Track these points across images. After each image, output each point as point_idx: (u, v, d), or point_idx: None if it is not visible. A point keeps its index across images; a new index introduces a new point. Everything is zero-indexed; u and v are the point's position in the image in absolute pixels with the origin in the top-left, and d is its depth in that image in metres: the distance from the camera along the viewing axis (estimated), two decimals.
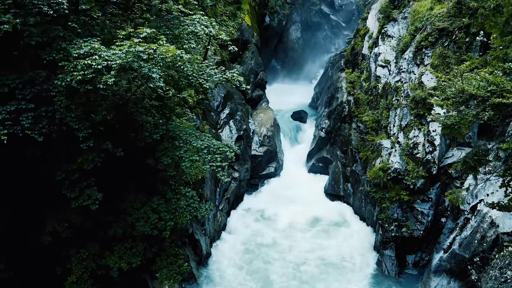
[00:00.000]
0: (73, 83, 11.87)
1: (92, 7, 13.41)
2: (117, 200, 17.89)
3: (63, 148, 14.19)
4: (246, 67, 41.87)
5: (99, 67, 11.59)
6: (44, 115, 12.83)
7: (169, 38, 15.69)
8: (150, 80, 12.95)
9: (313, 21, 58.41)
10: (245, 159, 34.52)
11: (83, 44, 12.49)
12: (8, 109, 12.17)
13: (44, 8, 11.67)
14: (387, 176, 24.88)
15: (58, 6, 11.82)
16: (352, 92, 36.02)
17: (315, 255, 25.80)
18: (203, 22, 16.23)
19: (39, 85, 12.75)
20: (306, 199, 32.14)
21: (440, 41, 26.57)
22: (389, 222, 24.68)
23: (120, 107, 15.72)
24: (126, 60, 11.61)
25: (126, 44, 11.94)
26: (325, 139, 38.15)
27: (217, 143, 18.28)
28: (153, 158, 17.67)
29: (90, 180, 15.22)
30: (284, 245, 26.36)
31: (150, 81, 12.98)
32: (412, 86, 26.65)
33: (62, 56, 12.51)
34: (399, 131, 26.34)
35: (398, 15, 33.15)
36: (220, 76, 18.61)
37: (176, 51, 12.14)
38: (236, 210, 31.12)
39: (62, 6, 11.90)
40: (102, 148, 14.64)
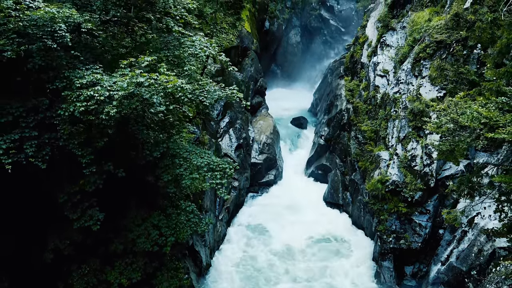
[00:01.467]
0: (76, 113, 12.10)
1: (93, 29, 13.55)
2: (118, 217, 18.13)
3: (65, 169, 14.40)
4: (246, 74, 42.03)
5: (102, 98, 11.80)
6: (47, 142, 13.06)
7: (170, 60, 15.89)
8: (151, 106, 13.17)
9: (313, 26, 58.64)
10: (245, 167, 34.73)
11: (86, 73, 12.72)
12: (12, 138, 12.39)
13: (48, 42, 11.89)
14: (385, 188, 25.12)
15: (61, 40, 12.05)
16: (351, 100, 36.25)
17: (313, 278, 25.85)
18: (203, 44, 16.43)
19: (42, 112, 12.97)
20: (306, 209, 32.31)
21: (438, 53, 26.77)
22: (388, 233, 24.91)
23: (121, 126, 15.95)
24: (128, 91, 11.83)
25: (128, 74, 12.15)
26: (324, 146, 38.37)
27: (217, 160, 18.51)
28: (154, 175, 17.90)
29: (92, 201, 15.46)
30: (280, 269, 26.11)
31: (151, 106, 13.20)
32: (410, 97, 26.86)
33: (65, 84, 12.74)
34: (397, 143, 26.56)
35: (397, 25, 33.35)
36: (219, 93, 18.87)
37: (177, 81, 12.35)
38: (236, 219, 31.30)
39: (66, 39, 12.12)
40: (104, 169, 14.86)
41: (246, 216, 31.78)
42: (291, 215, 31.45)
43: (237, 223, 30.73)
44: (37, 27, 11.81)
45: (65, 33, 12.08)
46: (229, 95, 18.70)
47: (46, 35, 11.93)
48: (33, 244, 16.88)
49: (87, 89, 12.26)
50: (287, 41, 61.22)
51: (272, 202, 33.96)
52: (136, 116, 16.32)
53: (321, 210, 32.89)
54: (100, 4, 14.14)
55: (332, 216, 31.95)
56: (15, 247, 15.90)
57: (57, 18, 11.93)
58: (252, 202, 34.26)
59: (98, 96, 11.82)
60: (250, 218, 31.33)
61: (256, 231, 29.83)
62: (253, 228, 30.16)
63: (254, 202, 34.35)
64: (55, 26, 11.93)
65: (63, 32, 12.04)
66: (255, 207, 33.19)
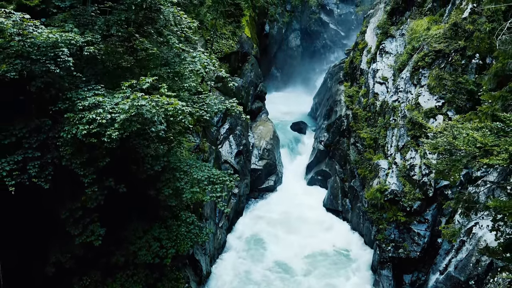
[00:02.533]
0: (79, 136, 12.28)
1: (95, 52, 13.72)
2: (119, 229, 18.32)
3: (67, 186, 14.57)
4: (246, 80, 42.21)
5: (104, 121, 11.98)
6: (50, 162, 13.24)
7: (171, 76, 16.07)
8: (152, 124, 13.35)
9: (313, 30, 58.82)
10: (245, 173, 34.91)
11: (88, 94, 12.89)
12: (15, 159, 12.58)
13: (51, 67, 12.06)
14: (384, 197, 25.30)
15: (64, 64, 12.22)
16: (350, 107, 36.43)
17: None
18: (203, 60, 16.61)
19: (45, 133, 13.16)
20: (305, 216, 32.44)
21: (437, 62, 26.90)
22: (386, 242, 25.09)
23: (122, 142, 16.13)
24: (130, 113, 12.00)
25: (130, 96, 12.32)
26: (324, 152, 38.54)
27: (217, 172, 18.71)
28: (155, 189, 18.08)
29: (93, 216, 15.64)
30: (279, 283, 26.11)
31: (152, 125, 13.37)
32: (409, 106, 27.02)
33: (68, 106, 12.91)
34: (396, 152, 26.73)
35: (396, 32, 33.49)
36: (220, 106, 19.04)
37: (178, 104, 12.52)
38: (236, 227, 31.47)
39: (68, 64, 12.29)
40: (105, 185, 15.04)
41: (246, 223, 31.93)
42: (290, 223, 31.55)
43: (237, 231, 30.83)
44: (40, 52, 11.98)
45: (68, 58, 12.25)
46: (229, 108, 18.86)
47: (49, 60, 12.11)
48: (35, 258, 17.06)
49: (90, 111, 12.43)
50: (287, 45, 61.43)
51: (271, 209, 34.13)
52: (137, 131, 16.52)
53: (321, 217, 33.02)
54: (102, 24, 14.30)
55: (331, 223, 32.12)
56: (18, 261, 16.06)
57: (59, 43, 12.11)
58: (252, 209, 34.42)
59: (100, 119, 12.00)
60: (250, 227, 31.41)
61: (255, 242, 29.62)
62: (252, 239, 30.00)
63: (254, 208, 34.52)
64: (58, 51, 12.10)
65: (66, 57, 12.22)
66: (255, 214, 33.34)
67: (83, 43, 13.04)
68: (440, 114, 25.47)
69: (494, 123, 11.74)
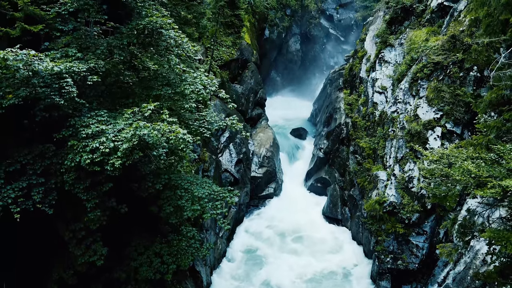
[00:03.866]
0: (82, 164, 12.51)
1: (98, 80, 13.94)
2: (121, 246, 18.54)
3: (71, 208, 14.80)
4: (246, 87, 42.46)
5: (107, 150, 12.21)
6: (54, 187, 13.48)
7: (172, 96, 16.29)
8: (154, 148, 13.58)
9: (312, 34, 59.07)
10: (245, 182, 35.14)
11: (91, 121, 13.12)
12: (20, 186, 12.81)
13: (55, 98, 12.29)
14: (383, 209, 25.54)
15: (68, 95, 12.45)
16: (350, 115, 36.71)
17: None
18: (204, 81, 16.84)
19: (49, 159, 13.39)
20: (304, 226, 32.62)
21: (435, 73, 27.12)
22: (385, 254, 25.33)
23: None
24: (132, 143, 12.23)
25: (132, 125, 12.53)
26: (323, 159, 38.79)
27: (217, 189, 18.91)
28: (156, 206, 18.31)
29: (96, 236, 15.87)
30: None
31: (154, 149, 13.60)
32: (407, 118, 27.24)
33: (71, 133, 13.14)
34: (395, 163, 26.97)
35: (395, 41, 33.72)
36: (220, 123, 19.28)
37: (180, 133, 12.73)
38: (236, 236, 31.68)
39: (72, 95, 12.52)
40: (108, 206, 15.27)
41: (245, 233, 32.12)
42: (289, 234, 31.66)
43: (236, 242, 30.82)
44: (45, 83, 12.21)
45: (72, 88, 12.48)
46: (229, 125, 19.07)
47: (54, 91, 12.34)
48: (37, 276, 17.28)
49: (93, 138, 12.66)
50: (287, 49, 61.65)
51: (271, 218, 34.33)
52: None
53: (320, 225, 33.25)
54: (104, 48, 14.52)
55: (331, 232, 32.30)
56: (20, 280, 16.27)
57: (64, 74, 12.33)
58: (252, 217, 34.65)
59: (103, 148, 12.23)
60: (249, 238, 31.46)
61: (253, 258, 29.56)
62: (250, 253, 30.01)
63: (254, 217, 34.74)
64: (62, 82, 12.33)
65: (70, 88, 12.44)
66: (255, 223, 33.49)
67: (86, 73, 13.25)
68: (438, 126, 25.71)
69: (489, 155, 11.98)
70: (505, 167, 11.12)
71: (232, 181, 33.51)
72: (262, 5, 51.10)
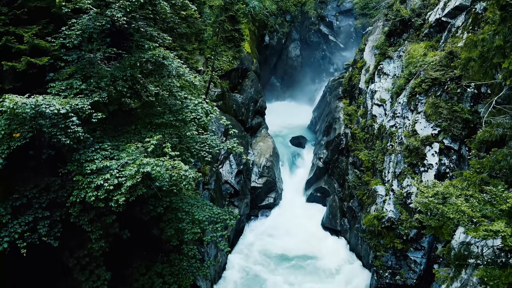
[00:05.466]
0: (87, 200, 12.84)
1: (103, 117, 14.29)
2: (123, 268, 18.88)
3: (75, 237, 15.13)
4: (246, 96, 42.74)
5: (111, 187, 12.55)
6: (59, 220, 13.81)
7: (174, 123, 16.62)
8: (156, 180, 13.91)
9: (312, 40, 59.37)
10: (245, 193, 35.45)
11: (95, 156, 13.46)
12: (26, 220, 13.15)
13: (62, 138, 12.62)
14: (381, 224, 25.87)
15: (74, 135, 12.78)
16: (349, 126, 37.01)
17: None
18: (205, 107, 17.17)
19: (55, 192, 13.71)
20: (304, 237, 32.89)
21: (433, 89, 27.42)
22: (384, 269, 25.69)
23: None
24: (136, 180, 12.56)
25: (136, 162, 12.86)
26: (323, 169, 39.12)
27: (217, 211, 19.22)
28: (158, 228, 18.65)
29: (99, 260, 16.20)
30: None
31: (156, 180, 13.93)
32: (406, 133, 27.56)
33: (76, 167, 13.46)
34: (393, 178, 27.29)
35: (394, 53, 34.00)
36: (222, 146, 19.61)
37: (182, 170, 13.04)
38: (237, 248, 32.01)
39: (78, 134, 12.85)
40: (111, 232, 15.61)
41: (245, 246, 32.35)
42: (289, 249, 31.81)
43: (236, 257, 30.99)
44: (52, 123, 12.54)
45: (77, 128, 12.81)
46: (229, 148, 19.40)
47: (60, 131, 12.66)
48: None
49: (97, 174, 12.99)
50: (287, 55, 61.95)
51: (271, 228, 34.65)
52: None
53: (319, 237, 33.53)
54: (108, 80, 14.82)
55: (330, 244, 32.61)
56: None
57: (69, 113, 12.66)
58: (252, 228, 34.94)
59: (108, 185, 12.56)
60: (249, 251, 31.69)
61: (253, 272, 29.68)
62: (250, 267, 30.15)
63: (254, 228, 35.00)
64: (68, 122, 12.66)
65: (76, 127, 12.77)
66: (255, 235, 33.73)
67: (91, 110, 13.58)
68: (436, 142, 26.04)
69: (481, 195, 12.31)
70: (497, 208, 11.46)
71: (232, 193, 33.84)
72: (261, 13, 51.37)
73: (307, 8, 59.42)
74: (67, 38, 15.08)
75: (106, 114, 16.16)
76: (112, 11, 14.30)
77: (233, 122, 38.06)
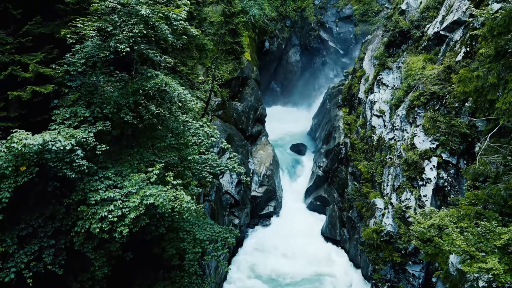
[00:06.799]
0: (92, 231, 13.13)
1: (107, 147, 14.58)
2: (125, 286, 19.16)
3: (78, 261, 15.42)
4: (246, 104, 43.03)
5: (115, 219, 12.84)
6: (63, 248, 14.11)
7: (176, 146, 16.92)
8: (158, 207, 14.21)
9: (312, 46, 59.64)
10: (245, 203, 35.73)
11: (99, 185, 13.75)
12: (32, 250, 13.43)
13: (67, 172, 12.92)
14: (380, 238, 26.18)
15: (79, 168, 13.07)
16: (349, 135, 37.31)
17: None
18: (206, 131, 17.47)
19: (59, 221, 14.00)
20: (303, 247, 33.16)
21: (431, 102, 27.69)
22: (383, 282, 26.01)
23: None
24: (139, 212, 12.86)
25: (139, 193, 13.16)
26: (322, 178, 39.40)
27: (218, 230, 19.50)
28: (159, 248, 18.94)
29: (102, 282, 16.48)
30: None
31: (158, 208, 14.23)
32: (404, 146, 27.84)
33: (80, 197, 13.76)
34: (392, 192, 27.58)
35: (393, 64, 34.26)
36: (222, 166, 19.89)
37: (184, 201, 13.33)
38: (236, 259, 32.27)
39: (83, 167, 13.14)
40: (114, 255, 15.89)
41: (245, 257, 32.58)
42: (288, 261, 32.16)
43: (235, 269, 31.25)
44: (57, 158, 12.83)
45: (82, 161, 13.12)
46: (230, 168, 19.68)
47: (65, 165, 12.95)
48: None
49: (102, 204, 13.29)
50: (287, 60, 62.27)
51: (272, 237, 34.90)
52: None
53: (319, 248, 33.78)
54: (111, 107, 15.10)
55: (329, 254, 32.89)
56: None
57: (75, 146, 12.94)
58: (252, 237, 35.21)
59: (112, 217, 12.85)
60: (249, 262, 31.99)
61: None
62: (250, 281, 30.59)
63: (254, 237, 35.25)
64: (73, 156, 12.95)
65: (80, 161, 13.07)
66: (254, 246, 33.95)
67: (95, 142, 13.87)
68: (434, 156, 26.30)
69: (476, 229, 12.60)
70: (491, 243, 11.76)
71: (233, 203, 34.15)
72: (261, 20, 51.63)
73: (307, 14, 59.70)
74: (71, 65, 15.35)
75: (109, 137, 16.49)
76: (115, 43, 14.57)
77: (233, 131, 38.37)
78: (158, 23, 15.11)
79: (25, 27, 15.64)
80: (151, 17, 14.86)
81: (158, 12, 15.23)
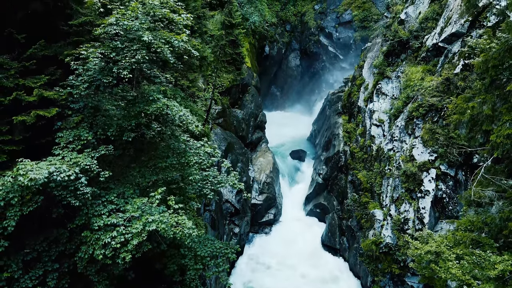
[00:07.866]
0: (95, 257, 13.39)
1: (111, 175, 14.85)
2: None
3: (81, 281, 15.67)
4: (246, 111, 43.26)
5: (118, 245, 13.10)
6: (67, 271, 14.37)
7: (176, 167, 17.18)
8: None
9: (312, 51, 59.85)
10: (245, 211, 36.00)
11: (102, 210, 14.01)
12: (37, 274, 13.70)
13: (71, 200, 13.18)
14: (379, 249, 26.44)
15: (83, 196, 13.34)
16: (348, 143, 37.56)
17: None
18: (207, 150, 17.73)
19: (63, 245, 14.26)
20: (303, 256, 33.41)
21: (430, 114, 27.93)
22: None
23: None
24: (142, 238, 13.13)
25: (142, 219, 13.43)
26: (322, 185, 39.65)
27: (219, 246, 19.75)
28: (161, 264, 19.21)
29: None
30: None
31: None
32: (403, 157, 28.09)
33: (84, 221, 14.02)
34: (391, 203, 27.84)
35: (392, 74, 34.49)
36: (223, 183, 20.15)
37: (186, 227, 13.60)
38: (237, 268, 32.52)
39: (87, 195, 13.41)
40: (116, 275, 16.15)
41: (246, 266, 32.86)
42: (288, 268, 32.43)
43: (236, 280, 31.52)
44: (62, 187, 13.09)
45: (86, 189, 13.38)
46: (231, 184, 19.92)
47: (69, 193, 13.21)
48: None
49: (105, 230, 13.55)
50: (287, 64, 62.50)
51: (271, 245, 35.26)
52: None
53: (318, 256, 34.04)
54: (114, 130, 15.35)
55: (329, 263, 33.12)
56: None
57: (78, 174, 13.21)
58: (252, 246, 35.47)
59: (115, 244, 13.11)
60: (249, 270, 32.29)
61: None
62: None
63: (254, 246, 35.51)
64: (77, 184, 13.21)
65: (84, 188, 13.33)
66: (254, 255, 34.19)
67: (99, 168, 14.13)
68: (433, 167, 26.55)
69: (471, 257, 12.86)
70: (486, 272, 12.01)
71: (233, 212, 34.40)
72: (261, 27, 51.86)
73: (307, 19, 59.93)
74: (74, 88, 15.59)
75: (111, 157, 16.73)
76: (118, 69, 14.82)
77: (233, 139, 38.61)
78: (160, 49, 15.34)
79: (29, 51, 15.86)
80: (154, 43, 15.10)
81: (161, 38, 15.48)
